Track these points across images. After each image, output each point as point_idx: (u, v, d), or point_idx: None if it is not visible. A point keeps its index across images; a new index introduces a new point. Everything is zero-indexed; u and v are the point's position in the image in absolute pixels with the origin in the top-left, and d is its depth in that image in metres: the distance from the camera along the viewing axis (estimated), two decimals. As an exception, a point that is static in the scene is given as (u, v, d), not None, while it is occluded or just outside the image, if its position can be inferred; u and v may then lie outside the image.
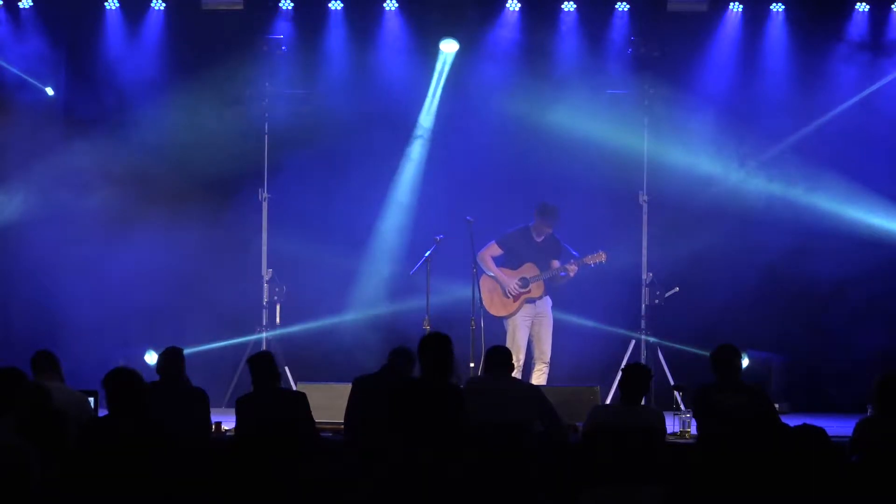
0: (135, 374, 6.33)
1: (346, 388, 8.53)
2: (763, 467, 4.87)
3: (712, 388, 8.01)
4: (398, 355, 8.35)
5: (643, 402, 7.94)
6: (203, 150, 12.12)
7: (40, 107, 12.54)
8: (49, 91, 12.52)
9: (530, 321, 11.29)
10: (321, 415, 8.80)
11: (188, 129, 12.18)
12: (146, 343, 11.87)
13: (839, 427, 7.58)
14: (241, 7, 12.34)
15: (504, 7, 12.51)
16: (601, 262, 11.39)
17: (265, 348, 11.75)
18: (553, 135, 12.18)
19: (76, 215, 12.30)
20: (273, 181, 12.46)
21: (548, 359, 11.28)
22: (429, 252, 11.22)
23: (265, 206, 12.43)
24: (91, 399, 8.51)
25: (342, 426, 8.51)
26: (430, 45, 12.44)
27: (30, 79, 12.50)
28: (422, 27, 12.48)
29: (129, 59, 12.58)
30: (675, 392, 10.57)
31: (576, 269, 11.24)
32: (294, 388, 10.66)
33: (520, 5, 12.48)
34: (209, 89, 12.15)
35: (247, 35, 12.36)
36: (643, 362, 11.28)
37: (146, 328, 12.21)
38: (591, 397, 10.00)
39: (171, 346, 8.41)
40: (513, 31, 12.56)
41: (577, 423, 8.90)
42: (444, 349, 6.87)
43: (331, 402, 9.20)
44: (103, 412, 6.83)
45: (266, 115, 12.46)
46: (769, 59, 12.56)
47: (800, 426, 4.87)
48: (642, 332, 11.98)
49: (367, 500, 6.19)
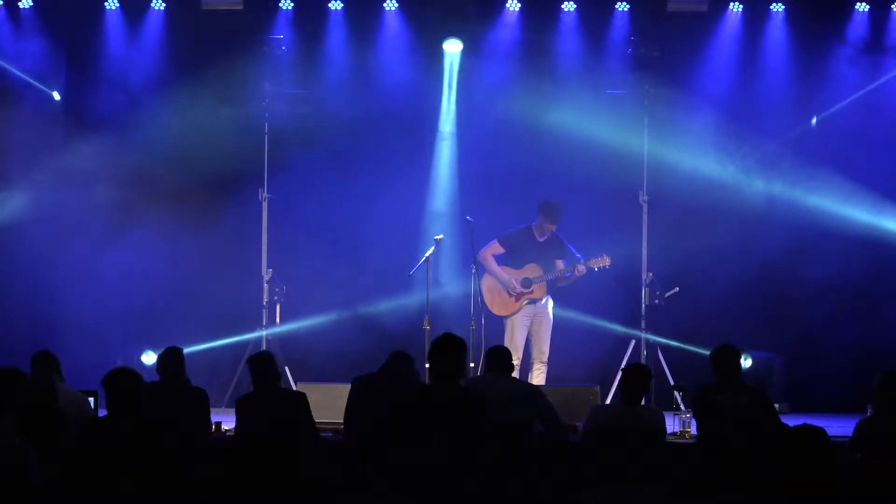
0: (134, 374, 6.33)
1: (346, 389, 8.53)
2: (763, 467, 4.87)
3: (712, 388, 8.01)
4: (398, 357, 8.35)
5: (643, 402, 7.95)
6: (203, 150, 12.13)
7: (40, 107, 12.54)
8: (56, 96, 12.53)
9: (529, 321, 11.29)
10: (321, 415, 8.80)
11: (188, 129, 12.18)
12: (146, 343, 11.89)
13: (839, 427, 7.57)
14: (241, 7, 12.34)
15: (504, 7, 12.51)
16: (605, 267, 11.39)
17: (265, 348, 11.75)
18: (553, 135, 12.18)
19: (76, 215, 12.31)
20: (273, 181, 12.46)
21: (546, 358, 11.28)
22: (429, 252, 11.23)
23: (265, 206, 12.43)
24: (91, 399, 8.53)
25: (342, 426, 8.52)
26: (430, 45, 12.44)
27: (36, 82, 12.50)
28: (422, 27, 12.48)
29: (129, 59, 12.58)
30: (675, 392, 10.57)
31: (584, 270, 11.22)
32: (294, 388, 10.66)
33: (520, 5, 12.48)
34: (209, 89, 12.15)
35: (247, 35, 12.36)
36: (643, 362, 11.28)
37: (146, 328, 12.22)
38: (591, 397, 10.00)
39: (171, 346, 8.41)
40: (513, 31, 12.56)
41: (577, 423, 8.91)
42: (460, 353, 6.50)
43: (331, 402, 9.20)
44: (103, 412, 6.83)
45: (266, 115, 12.46)
46: (769, 59, 12.56)
47: (800, 426, 4.86)
48: (642, 332, 11.98)
49: (367, 500, 6.19)
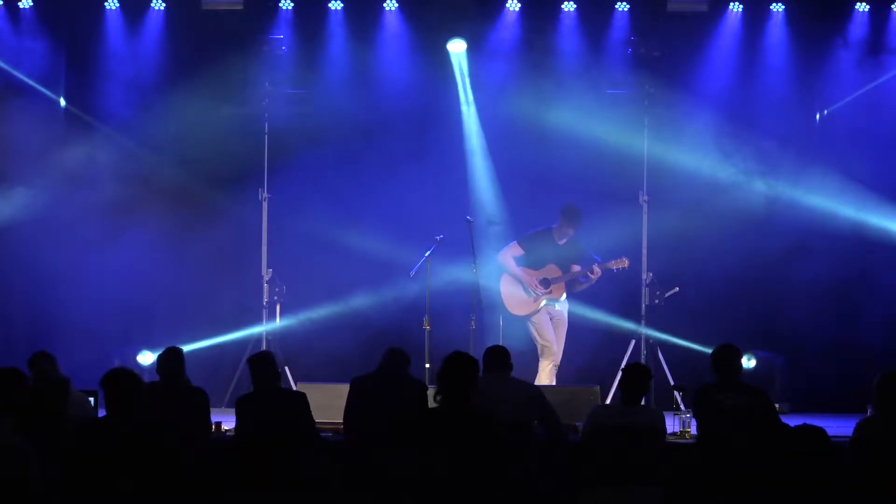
0: (133, 374, 6.34)
1: (345, 389, 8.52)
2: (763, 467, 4.87)
3: (712, 388, 8.00)
4: (394, 355, 8.33)
5: (643, 402, 7.95)
6: (203, 150, 12.13)
7: (41, 107, 12.54)
8: (62, 102, 12.54)
9: (550, 317, 11.30)
10: (321, 415, 8.79)
11: (188, 129, 12.18)
12: (146, 343, 11.89)
13: (839, 427, 7.57)
14: (241, 7, 12.33)
15: (504, 7, 12.51)
16: (624, 268, 11.38)
17: (265, 348, 11.75)
18: (553, 135, 12.19)
19: (76, 215, 12.30)
20: (273, 181, 12.46)
21: (559, 360, 11.27)
22: (429, 252, 11.23)
23: (265, 206, 12.43)
24: (91, 399, 8.53)
25: (342, 426, 8.52)
26: (431, 46, 12.43)
27: (40, 87, 12.49)
28: (422, 27, 12.47)
29: (129, 59, 12.58)
30: (675, 392, 10.57)
31: (600, 273, 11.21)
32: (294, 388, 10.66)
33: (520, 5, 12.48)
34: (209, 89, 12.14)
35: (247, 35, 12.36)
36: (643, 362, 11.28)
37: (146, 328, 12.22)
38: (591, 397, 9.99)
39: (172, 345, 8.41)
40: (513, 31, 12.56)
41: (577, 423, 8.90)
42: (472, 373, 6.10)
43: (331, 402, 9.19)
44: (103, 412, 6.84)
45: (266, 115, 12.46)
46: (769, 59, 12.56)
47: (800, 426, 4.86)
48: (642, 331, 11.97)
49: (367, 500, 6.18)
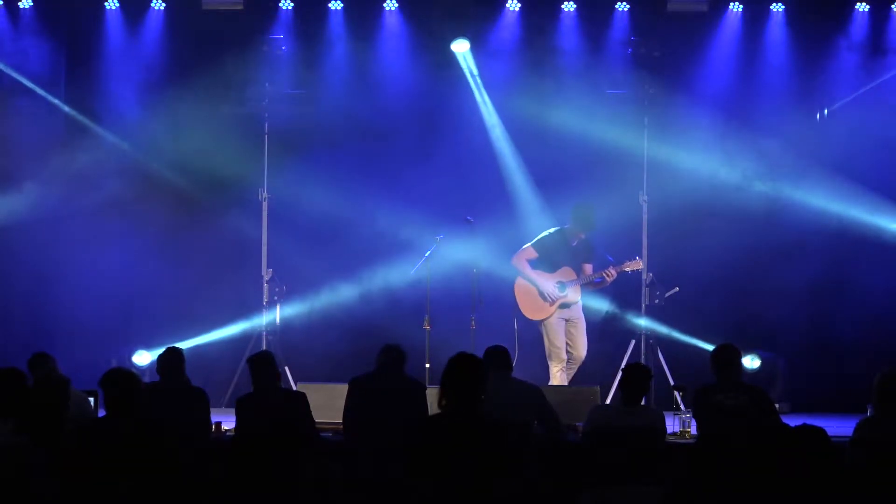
0: (131, 374, 6.34)
1: (345, 389, 8.51)
2: (763, 467, 4.87)
3: (712, 388, 8.00)
4: (390, 353, 8.31)
5: (643, 402, 7.95)
6: (203, 150, 12.12)
7: (41, 107, 12.54)
8: (62, 102, 12.53)
9: (564, 324, 11.21)
10: (321, 415, 8.79)
11: (188, 129, 12.17)
12: (147, 343, 11.90)
13: (839, 427, 7.57)
14: (241, 7, 12.33)
15: (504, 7, 12.50)
16: (638, 270, 11.36)
17: (265, 348, 11.74)
18: (553, 134, 12.19)
19: (76, 215, 12.30)
20: (273, 181, 12.46)
21: (582, 358, 11.19)
22: (429, 252, 11.22)
23: (265, 206, 12.42)
24: (91, 399, 8.53)
25: (342, 426, 8.51)
26: (431, 45, 12.43)
27: (40, 87, 12.49)
28: (422, 27, 12.47)
29: (129, 59, 12.57)
30: (675, 392, 10.57)
31: (615, 275, 11.15)
32: (294, 388, 10.66)
33: (520, 5, 12.47)
34: (209, 89, 12.13)
35: (247, 35, 12.36)
36: (643, 362, 11.28)
37: (146, 328, 12.22)
38: (591, 397, 9.99)
39: (172, 345, 8.41)
40: (513, 31, 12.55)
41: (577, 423, 8.90)
42: (480, 376, 5.91)
43: (331, 402, 9.18)
44: (103, 412, 6.84)
45: (266, 115, 12.46)
46: (769, 59, 12.56)
47: (800, 426, 4.87)
48: (642, 332, 11.97)
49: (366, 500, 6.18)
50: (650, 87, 12.27)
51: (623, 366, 10.64)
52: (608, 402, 10.78)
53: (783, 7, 12.45)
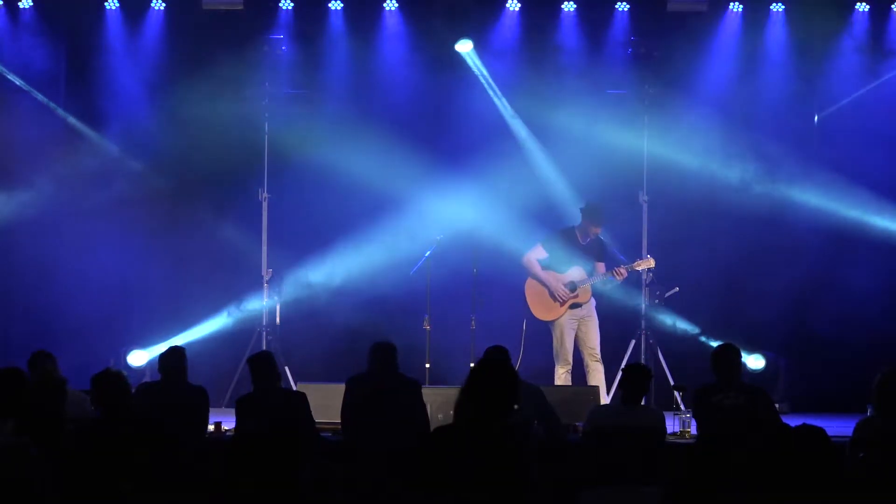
0: (119, 374, 6.36)
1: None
2: (763, 467, 4.87)
3: (712, 388, 8.01)
4: (382, 351, 8.30)
5: (643, 402, 7.95)
6: (203, 150, 12.12)
7: (40, 107, 12.54)
8: (61, 102, 12.54)
9: (576, 323, 11.08)
10: (321, 415, 8.80)
11: (188, 129, 12.17)
12: (147, 343, 11.91)
13: (839, 427, 7.57)
14: (241, 7, 12.33)
15: (504, 7, 12.51)
16: (650, 269, 11.28)
17: (265, 348, 11.75)
18: (553, 134, 12.20)
19: (75, 215, 12.31)
20: (273, 181, 12.46)
21: (599, 356, 11.06)
22: (429, 252, 11.22)
23: (265, 206, 12.42)
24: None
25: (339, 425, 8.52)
26: (430, 45, 12.44)
27: (40, 86, 12.49)
28: (422, 27, 12.47)
29: (129, 58, 12.57)
30: (675, 392, 10.57)
31: (625, 274, 11.08)
32: (294, 388, 10.66)
33: (520, 5, 12.48)
34: (209, 89, 12.13)
35: (247, 35, 12.36)
36: (643, 362, 11.27)
37: (146, 328, 12.22)
38: (591, 397, 9.99)
39: (173, 345, 8.41)
40: (513, 31, 12.56)
41: (577, 423, 8.90)
42: (510, 380, 5.14)
43: (330, 402, 9.18)
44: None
45: (266, 115, 12.46)
46: (769, 59, 12.56)
47: (799, 426, 4.86)
48: (642, 332, 11.97)
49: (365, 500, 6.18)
50: (650, 87, 12.28)
51: (623, 366, 10.65)
52: (608, 401, 10.78)
53: (783, 7, 12.46)
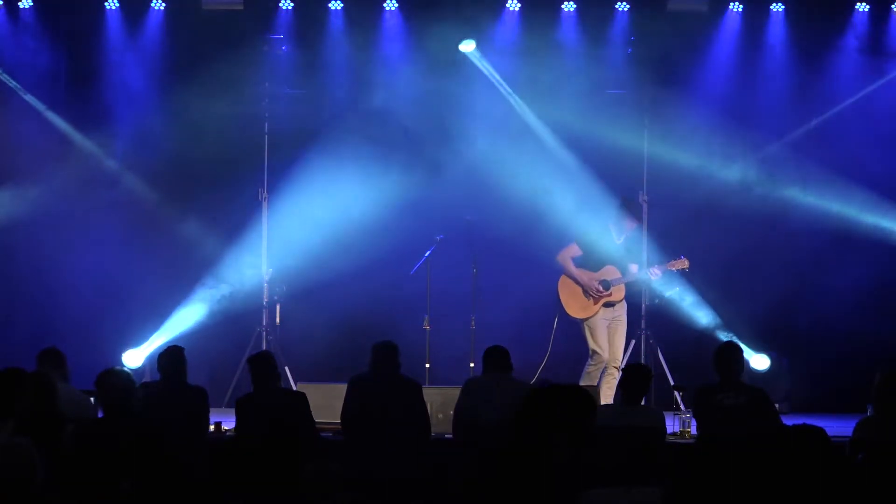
0: (125, 374, 6.36)
1: (345, 389, 8.52)
2: (762, 467, 4.87)
3: (712, 387, 8.01)
4: (384, 350, 8.30)
5: (643, 402, 7.95)
6: (203, 150, 12.11)
7: (40, 107, 12.54)
8: (61, 102, 12.55)
9: (608, 323, 11.02)
10: (321, 415, 8.80)
11: (188, 129, 12.16)
12: (143, 342, 11.92)
13: (839, 427, 7.57)
14: (241, 7, 12.32)
15: (504, 7, 12.50)
16: (685, 269, 11.18)
17: (265, 348, 11.74)
18: (553, 135, 12.20)
19: (75, 214, 12.31)
20: (273, 181, 12.45)
21: (619, 364, 10.98)
22: (429, 252, 11.22)
23: (265, 206, 12.42)
24: (92, 399, 8.52)
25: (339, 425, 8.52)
26: (430, 45, 12.42)
27: (40, 86, 12.49)
28: (422, 27, 12.47)
29: (129, 59, 12.57)
30: (675, 392, 10.58)
31: (660, 273, 11.02)
32: (294, 388, 10.66)
33: (519, 5, 12.47)
34: (209, 89, 12.12)
35: (247, 35, 12.35)
36: (643, 362, 11.27)
37: (145, 327, 12.22)
38: (590, 397, 9.98)
39: (173, 345, 8.41)
40: (512, 31, 12.55)
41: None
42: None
43: (331, 402, 9.19)
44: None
45: (266, 115, 12.46)
46: (769, 59, 12.56)
47: (799, 426, 4.86)
48: (642, 332, 11.96)
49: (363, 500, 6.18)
50: (650, 87, 12.27)
51: (623, 366, 10.66)
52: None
53: (783, 7, 12.45)
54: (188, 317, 12.06)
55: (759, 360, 11.85)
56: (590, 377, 10.94)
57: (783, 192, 12.31)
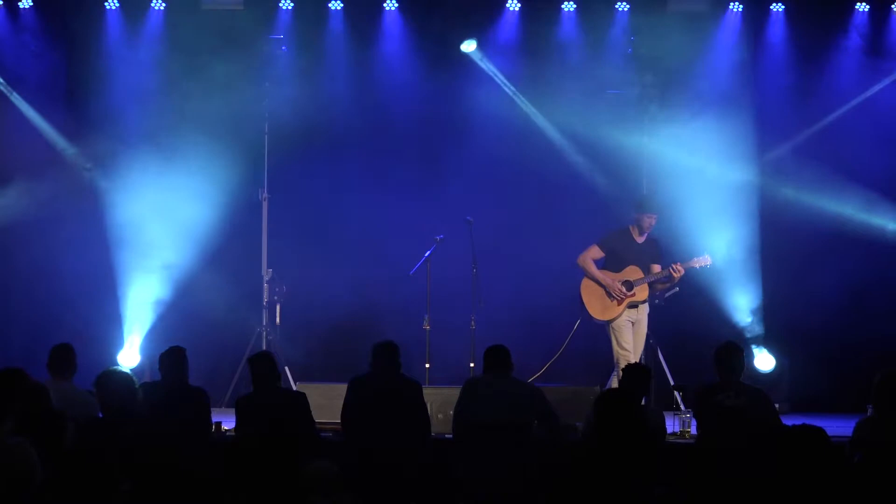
0: (126, 376, 6.36)
1: (345, 389, 8.52)
2: (762, 467, 4.87)
3: (712, 387, 8.01)
4: (385, 350, 8.30)
5: (643, 402, 7.95)
6: (202, 150, 12.11)
7: (40, 107, 12.54)
8: (62, 102, 12.54)
9: (632, 324, 10.94)
10: (321, 415, 8.80)
11: (187, 129, 12.16)
12: (148, 343, 11.91)
13: (839, 427, 7.57)
14: (241, 7, 12.34)
15: (504, 7, 12.50)
16: (707, 266, 11.10)
17: (265, 348, 11.74)
18: (553, 134, 12.19)
19: (75, 215, 12.31)
20: (273, 181, 12.45)
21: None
22: (429, 252, 11.22)
23: (265, 206, 12.42)
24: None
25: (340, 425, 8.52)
26: (430, 45, 12.44)
27: (40, 86, 12.49)
28: (422, 27, 12.48)
29: (129, 58, 12.57)
30: (675, 392, 10.57)
31: (682, 271, 10.89)
32: (294, 388, 10.66)
33: (520, 5, 12.47)
34: (209, 89, 12.12)
35: (247, 35, 12.35)
36: (643, 362, 11.26)
37: (139, 328, 12.23)
38: (590, 397, 9.98)
39: (173, 345, 8.41)
40: (513, 31, 12.56)
41: (576, 423, 8.90)
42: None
43: (331, 402, 9.19)
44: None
45: (266, 115, 12.46)
46: (769, 59, 12.56)
47: (799, 426, 4.86)
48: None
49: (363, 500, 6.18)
50: (650, 87, 12.27)
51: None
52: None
53: (783, 7, 12.46)
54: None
55: (763, 361, 11.85)
56: (616, 384, 10.87)
57: (782, 192, 12.31)
